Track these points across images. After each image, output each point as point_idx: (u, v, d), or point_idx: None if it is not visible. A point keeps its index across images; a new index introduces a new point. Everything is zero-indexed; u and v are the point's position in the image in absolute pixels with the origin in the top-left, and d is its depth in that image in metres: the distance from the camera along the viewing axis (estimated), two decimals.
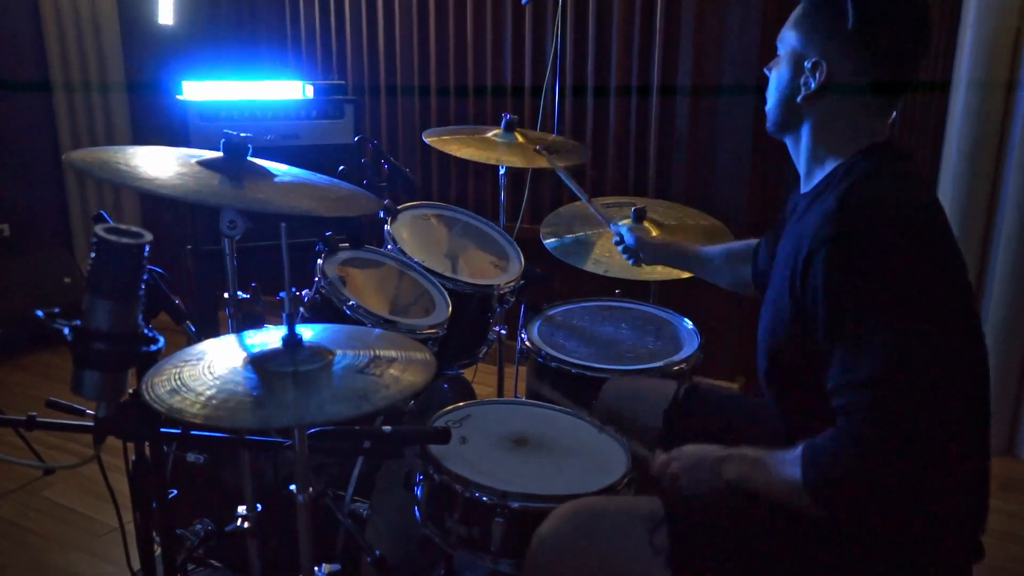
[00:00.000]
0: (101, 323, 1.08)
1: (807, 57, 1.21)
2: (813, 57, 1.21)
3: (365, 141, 2.19)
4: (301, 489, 1.27)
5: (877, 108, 1.23)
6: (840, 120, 1.23)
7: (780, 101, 1.28)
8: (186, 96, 2.89)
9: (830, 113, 1.23)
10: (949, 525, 1.15)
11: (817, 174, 1.27)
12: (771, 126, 1.33)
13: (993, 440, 2.68)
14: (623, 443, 1.53)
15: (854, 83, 1.20)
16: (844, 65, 1.19)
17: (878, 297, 1.05)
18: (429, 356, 1.23)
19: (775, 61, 1.31)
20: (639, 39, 2.86)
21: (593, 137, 3.01)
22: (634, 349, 2.01)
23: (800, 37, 1.23)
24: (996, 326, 2.59)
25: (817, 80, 1.20)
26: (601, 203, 2.34)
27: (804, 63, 1.22)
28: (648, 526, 1.18)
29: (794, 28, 1.24)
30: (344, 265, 1.88)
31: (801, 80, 1.23)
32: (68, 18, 3.72)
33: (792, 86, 1.24)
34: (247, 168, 1.40)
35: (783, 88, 1.26)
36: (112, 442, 1.20)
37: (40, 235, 3.86)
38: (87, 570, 2.11)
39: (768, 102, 1.32)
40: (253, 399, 1.06)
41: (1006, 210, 2.54)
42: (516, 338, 2.14)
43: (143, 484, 1.27)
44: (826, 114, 1.23)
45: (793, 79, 1.24)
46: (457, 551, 1.41)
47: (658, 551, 1.16)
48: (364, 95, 3.42)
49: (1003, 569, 2.12)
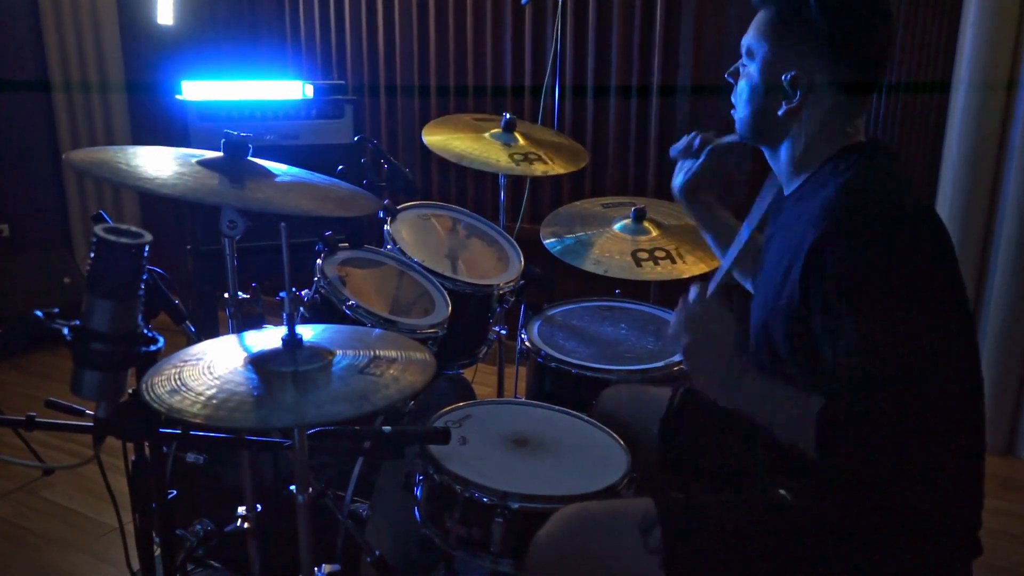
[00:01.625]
0: (101, 323, 1.08)
1: (783, 70, 1.21)
2: (791, 71, 1.21)
3: (365, 141, 2.19)
4: (301, 489, 1.27)
5: (855, 108, 1.24)
6: (821, 125, 1.24)
7: (757, 114, 1.28)
8: (186, 96, 2.88)
9: (811, 121, 1.24)
10: (948, 521, 1.15)
11: (800, 176, 1.29)
12: (746, 134, 1.33)
13: (993, 440, 2.69)
14: (623, 443, 1.54)
15: (833, 90, 1.20)
16: (822, 74, 1.20)
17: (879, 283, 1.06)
18: (429, 356, 1.23)
19: (740, 69, 1.30)
20: (639, 39, 2.86)
21: (593, 137, 3.01)
22: (634, 349, 2.01)
23: (770, 49, 1.23)
24: (996, 326, 2.59)
25: (799, 94, 1.21)
26: (601, 203, 2.34)
27: (781, 76, 1.22)
28: (641, 528, 1.18)
29: (762, 39, 1.24)
30: (344, 265, 1.88)
31: (780, 94, 1.23)
32: (67, 18, 3.72)
33: (769, 99, 1.25)
34: (247, 168, 1.40)
35: (759, 101, 1.26)
36: (112, 442, 1.20)
37: (40, 235, 3.86)
38: (87, 570, 2.11)
39: (739, 111, 1.32)
40: (253, 399, 1.06)
41: (1006, 211, 2.54)
42: (516, 338, 2.14)
43: (143, 484, 1.27)
44: (808, 123, 1.24)
45: (770, 93, 1.24)
46: (457, 551, 1.41)
47: (652, 552, 1.16)
48: (364, 95, 3.42)
49: (1003, 569, 2.12)
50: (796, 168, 1.29)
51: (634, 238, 2.14)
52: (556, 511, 1.29)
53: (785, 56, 1.21)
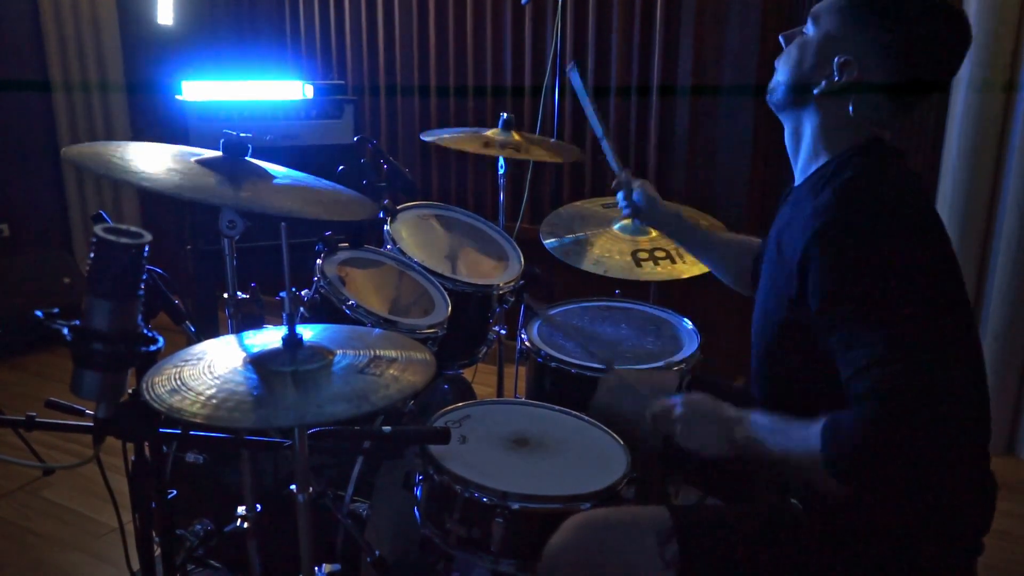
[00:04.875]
0: (101, 323, 1.08)
1: (839, 51, 1.19)
2: (846, 54, 1.18)
3: (364, 141, 2.19)
4: (301, 489, 1.27)
5: (893, 110, 1.22)
6: (849, 117, 1.21)
7: (794, 84, 1.25)
8: (185, 96, 2.89)
9: (842, 109, 1.22)
10: (956, 522, 1.15)
11: (811, 166, 1.27)
12: (774, 100, 1.30)
13: (993, 440, 2.69)
14: (623, 443, 1.53)
15: (878, 87, 1.18)
16: (876, 70, 1.18)
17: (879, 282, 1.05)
18: (429, 356, 1.23)
19: (798, 35, 1.27)
20: (639, 39, 2.86)
21: (593, 137, 3.01)
22: (634, 349, 2.01)
23: (838, 26, 1.20)
24: (996, 326, 2.59)
25: (844, 78, 1.19)
26: (601, 203, 2.34)
27: (834, 56, 1.20)
28: (658, 539, 1.17)
29: (834, 13, 1.21)
30: (344, 265, 1.88)
31: (825, 72, 1.21)
32: (67, 18, 3.72)
33: (814, 74, 1.22)
34: (246, 168, 1.40)
35: (803, 72, 1.24)
36: (112, 442, 1.20)
37: (40, 235, 3.86)
38: (87, 570, 2.11)
39: (778, 74, 1.29)
40: (253, 399, 1.06)
41: (1006, 210, 2.54)
42: (516, 338, 2.14)
43: (143, 484, 1.27)
44: (837, 109, 1.22)
45: (817, 67, 1.22)
46: (457, 551, 1.41)
47: (669, 564, 1.15)
48: (364, 95, 3.42)
49: (1003, 569, 2.12)
50: (813, 152, 1.26)
51: (634, 238, 2.14)
52: (558, 511, 1.29)
53: (847, 37, 1.19)
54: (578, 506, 1.33)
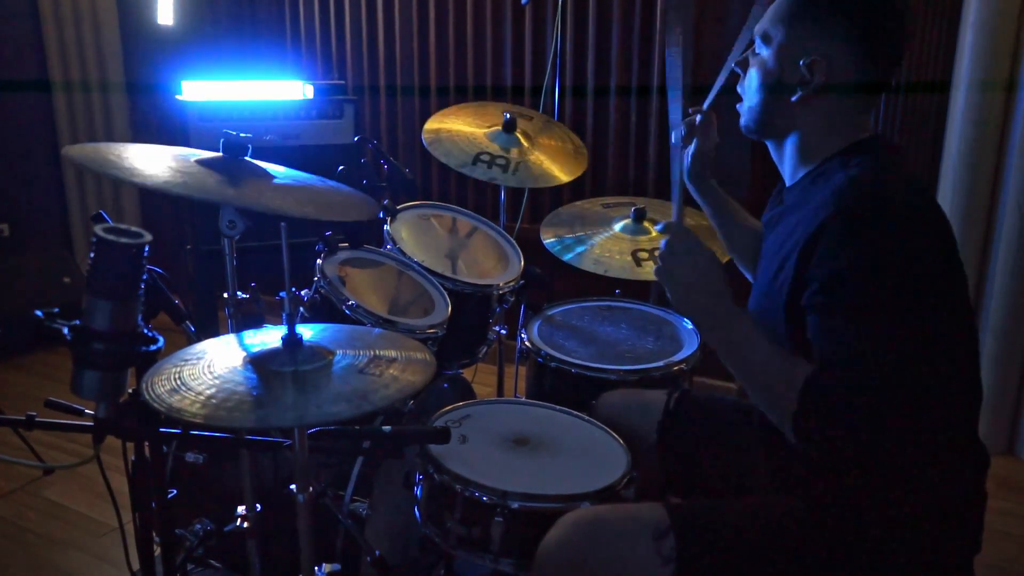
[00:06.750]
0: (101, 323, 1.08)
1: (801, 55, 1.20)
2: (811, 56, 1.19)
3: (365, 141, 2.19)
4: (301, 489, 1.27)
5: (864, 105, 1.23)
6: (832, 119, 1.22)
7: (768, 101, 1.26)
8: (185, 96, 2.88)
9: (824, 112, 1.22)
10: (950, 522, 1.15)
11: (805, 167, 1.27)
12: (752, 126, 1.30)
13: (993, 440, 2.69)
14: (622, 443, 1.54)
15: (852, 81, 1.19)
16: (845, 63, 1.19)
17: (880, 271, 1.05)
18: (429, 356, 1.23)
19: (751, 57, 1.28)
20: (639, 39, 2.86)
21: (593, 137, 3.01)
22: (634, 349, 2.01)
23: (789, 33, 1.21)
24: (996, 326, 2.59)
25: (818, 78, 1.19)
26: (601, 203, 2.34)
27: (798, 61, 1.20)
28: (654, 534, 1.17)
29: (781, 23, 1.22)
30: (343, 265, 1.88)
31: (796, 78, 1.21)
32: (68, 18, 3.72)
33: (784, 85, 1.22)
34: (246, 168, 1.40)
35: (771, 86, 1.24)
36: (112, 442, 1.20)
37: (40, 235, 3.86)
38: (87, 570, 2.11)
39: (748, 100, 1.29)
40: (253, 399, 1.06)
41: (1006, 210, 2.54)
42: (516, 338, 2.14)
43: (143, 484, 1.27)
44: (820, 113, 1.22)
45: (784, 77, 1.22)
46: (457, 551, 1.41)
47: (666, 560, 1.15)
48: (364, 95, 3.42)
49: (1003, 569, 2.12)
50: (802, 159, 1.27)
51: (634, 238, 2.14)
52: (558, 511, 1.29)
53: (805, 40, 1.20)
54: (577, 506, 1.33)
